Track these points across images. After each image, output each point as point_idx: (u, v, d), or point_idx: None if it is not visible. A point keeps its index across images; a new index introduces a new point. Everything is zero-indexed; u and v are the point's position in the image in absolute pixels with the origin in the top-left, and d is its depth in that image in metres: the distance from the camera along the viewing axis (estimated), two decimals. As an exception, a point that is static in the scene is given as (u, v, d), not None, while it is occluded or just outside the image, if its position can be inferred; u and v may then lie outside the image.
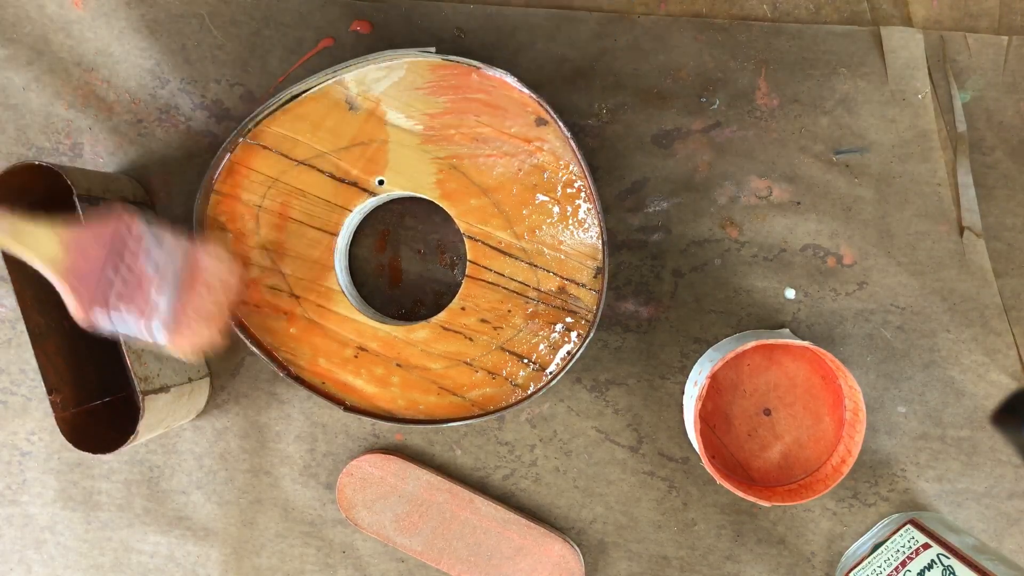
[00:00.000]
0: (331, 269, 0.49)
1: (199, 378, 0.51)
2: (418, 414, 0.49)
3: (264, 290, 0.49)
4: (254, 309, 0.49)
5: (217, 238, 0.49)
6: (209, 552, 0.53)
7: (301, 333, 0.49)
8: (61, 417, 0.47)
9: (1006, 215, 0.49)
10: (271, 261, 0.49)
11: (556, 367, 0.48)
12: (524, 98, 0.47)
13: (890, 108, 0.49)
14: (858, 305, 0.50)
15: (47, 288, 0.48)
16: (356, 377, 0.49)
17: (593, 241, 0.47)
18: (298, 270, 0.49)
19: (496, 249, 0.48)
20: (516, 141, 0.47)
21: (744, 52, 0.49)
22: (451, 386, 0.49)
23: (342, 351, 0.49)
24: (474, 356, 0.49)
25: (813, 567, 0.51)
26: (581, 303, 0.48)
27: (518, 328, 0.48)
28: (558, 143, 0.47)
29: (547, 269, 0.48)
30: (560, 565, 0.51)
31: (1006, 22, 0.49)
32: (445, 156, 0.48)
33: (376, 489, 0.51)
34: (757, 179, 0.50)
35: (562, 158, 0.47)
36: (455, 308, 0.49)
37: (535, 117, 0.47)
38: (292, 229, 0.49)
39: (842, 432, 0.48)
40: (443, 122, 0.47)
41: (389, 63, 0.47)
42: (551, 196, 0.47)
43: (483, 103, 0.47)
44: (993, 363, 0.49)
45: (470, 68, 0.46)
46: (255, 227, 0.49)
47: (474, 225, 0.48)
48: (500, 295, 0.48)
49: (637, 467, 0.51)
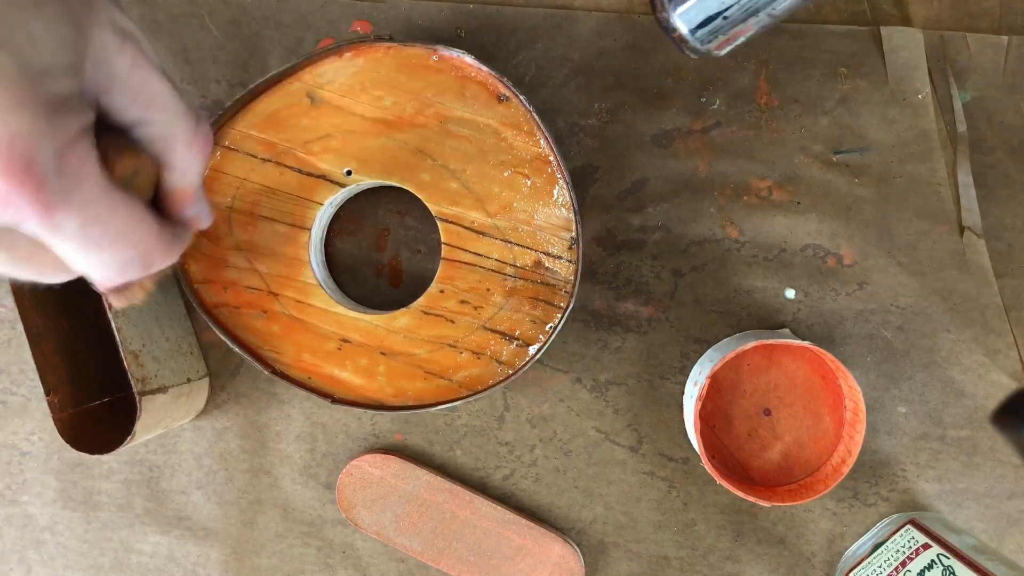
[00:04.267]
0: (307, 264, 0.49)
1: (198, 378, 0.51)
2: (407, 400, 0.49)
3: (243, 291, 0.49)
4: (235, 310, 0.49)
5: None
6: (209, 552, 0.53)
7: (283, 330, 0.49)
8: (59, 417, 0.47)
9: (1006, 215, 0.49)
10: (247, 261, 0.49)
11: (540, 342, 0.48)
12: (484, 76, 0.47)
13: (890, 108, 0.49)
14: (858, 305, 0.50)
15: (45, 288, 0.48)
16: (342, 369, 0.49)
17: (565, 213, 0.47)
18: (274, 267, 0.49)
19: (470, 229, 0.48)
20: (480, 119, 0.47)
21: (744, 52, 0.49)
22: (437, 370, 0.49)
23: (325, 344, 0.49)
24: (457, 338, 0.49)
25: (813, 567, 0.51)
26: (559, 275, 0.48)
27: (499, 306, 0.48)
28: (521, 118, 0.47)
29: (522, 244, 0.48)
30: (560, 565, 0.51)
31: (1006, 22, 0.49)
32: (411, 141, 0.48)
33: (376, 489, 0.51)
34: (757, 179, 0.50)
35: (527, 132, 0.47)
36: (434, 292, 0.49)
37: (497, 94, 0.47)
38: (264, 227, 0.49)
39: (842, 432, 0.48)
40: (406, 107, 0.47)
41: (348, 54, 0.47)
42: (520, 171, 0.47)
43: (444, 85, 0.47)
44: (993, 363, 0.49)
45: (429, 51, 0.46)
46: (228, 229, 0.49)
47: (446, 207, 0.48)
48: (478, 275, 0.48)
49: (637, 467, 0.51)
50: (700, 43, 0.39)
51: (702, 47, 0.39)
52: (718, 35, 0.39)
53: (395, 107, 0.47)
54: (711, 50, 0.39)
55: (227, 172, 0.48)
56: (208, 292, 0.49)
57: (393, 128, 0.47)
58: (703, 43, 0.39)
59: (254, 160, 0.48)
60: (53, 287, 0.48)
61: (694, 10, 0.38)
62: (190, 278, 0.49)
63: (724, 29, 0.38)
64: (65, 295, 0.49)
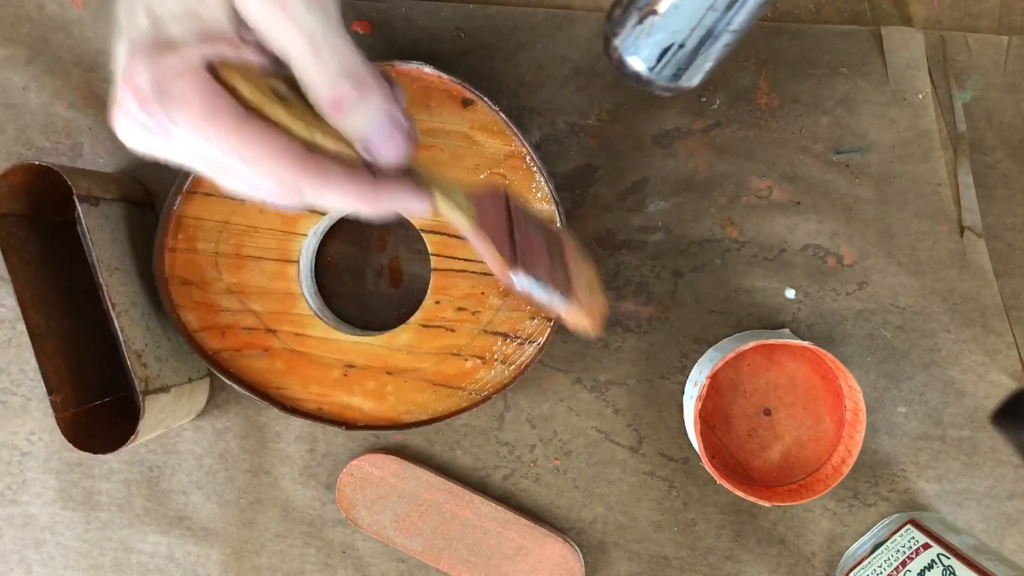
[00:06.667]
0: (299, 296, 0.49)
1: (199, 378, 0.51)
2: (422, 415, 0.49)
3: (241, 332, 0.49)
4: (235, 353, 0.49)
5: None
6: (209, 552, 0.53)
7: (286, 365, 0.49)
8: (61, 417, 0.47)
9: (1006, 215, 0.49)
10: (240, 302, 0.49)
11: (543, 336, 0.48)
12: (446, 83, 0.47)
13: (890, 108, 0.49)
14: (858, 305, 0.50)
15: (47, 288, 0.48)
16: (350, 395, 0.49)
17: (547, 206, 0.47)
18: (267, 304, 0.49)
19: (455, 237, 0.48)
20: (448, 127, 0.47)
21: (744, 52, 0.49)
22: (445, 380, 0.49)
23: (330, 373, 0.49)
24: (460, 345, 0.49)
25: (813, 567, 0.51)
26: None
27: (496, 308, 0.48)
28: (490, 119, 0.47)
29: None
30: (560, 565, 0.51)
31: (1006, 22, 0.49)
32: None
33: (376, 489, 0.51)
34: (757, 179, 0.50)
35: (498, 132, 0.47)
36: (429, 304, 0.49)
37: (461, 99, 0.47)
38: (252, 266, 0.49)
39: (842, 432, 0.48)
40: None
41: None
42: (496, 171, 0.47)
43: (408, 98, 0.47)
44: (993, 363, 0.49)
45: (387, 66, 0.46)
46: (217, 274, 0.49)
47: (428, 219, 0.48)
48: (470, 280, 0.48)
49: (637, 467, 0.51)
50: (666, 80, 0.35)
51: (670, 84, 0.36)
52: (681, 67, 0.35)
53: None
54: (680, 85, 0.36)
55: (208, 218, 0.49)
56: (206, 339, 0.49)
57: None
58: (669, 80, 0.35)
59: (233, 202, 0.48)
60: (53, 288, 0.48)
61: (646, 46, 0.35)
62: (186, 328, 0.49)
63: (685, 59, 0.35)
64: (66, 295, 0.49)
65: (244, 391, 0.49)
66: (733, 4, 0.33)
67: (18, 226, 0.47)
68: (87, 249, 0.46)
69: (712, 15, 0.33)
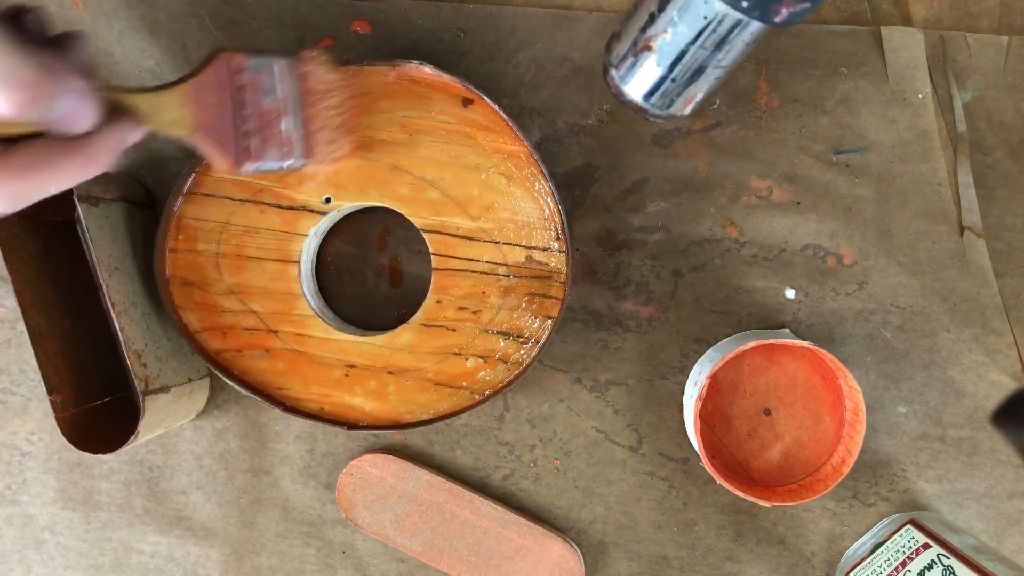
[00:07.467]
0: (300, 296, 0.49)
1: (199, 378, 0.51)
2: (423, 415, 0.49)
3: (242, 333, 0.49)
4: (237, 354, 0.49)
5: None
6: (209, 552, 0.53)
7: (287, 365, 0.49)
8: (61, 417, 0.47)
9: (1007, 215, 0.49)
10: (241, 303, 0.49)
11: (544, 335, 0.48)
12: (445, 83, 0.47)
13: (890, 108, 0.49)
14: (858, 305, 0.50)
15: (47, 288, 0.48)
16: (352, 396, 0.49)
17: (549, 203, 0.47)
18: (268, 305, 0.49)
19: (456, 236, 0.48)
20: (449, 126, 0.47)
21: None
22: (446, 380, 0.49)
23: (331, 373, 0.49)
24: (461, 345, 0.49)
25: (813, 567, 0.51)
26: (551, 267, 0.48)
27: (497, 307, 0.48)
28: (490, 117, 0.47)
29: (510, 242, 0.48)
30: (560, 565, 0.51)
31: (1006, 22, 0.49)
32: (384, 159, 0.48)
33: (376, 489, 0.51)
34: (757, 179, 0.50)
35: (498, 131, 0.47)
36: (430, 304, 0.49)
37: (461, 98, 0.47)
38: (252, 267, 0.49)
39: (842, 432, 0.48)
40: (374, 126, 0.47)
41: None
42: (497, 170, 0.47)
43: (408, 98, 0.47)
44: (993, 363, 0.49)
45: (387, 67, 0.46)
46: (218, 275, 0.49)
47: (428, 218, 0.48)
48: (471, 279, 0.48)
49: (637, 467, 0.51)
50: (659, 109, 0.38)
51: (663, 112, 0.39)
52: (673, 98, 0.38)
53: (365, 128, 0.47)
54: (673, 113, 0.39)
55: (208, 219, 0.49)
56: (208, 340, 0.49)
57: (365, 149, 0.47)
58: (662, 109, 0.38)
59: (233, 203, 0.48)
60: (53, 288, 0.48)
61: (640, 79, 0.38)
62: (188, 329, 0.49)
63: (676, 91, 0.38)
64: (66, 295, 0.49)
65: (246, 392, 0.49)
66: (721, 45, 0.36)
67: (18, 226, 0.47)
68: (87, 249, 0.46)
69: (702, 53, 0.36)
